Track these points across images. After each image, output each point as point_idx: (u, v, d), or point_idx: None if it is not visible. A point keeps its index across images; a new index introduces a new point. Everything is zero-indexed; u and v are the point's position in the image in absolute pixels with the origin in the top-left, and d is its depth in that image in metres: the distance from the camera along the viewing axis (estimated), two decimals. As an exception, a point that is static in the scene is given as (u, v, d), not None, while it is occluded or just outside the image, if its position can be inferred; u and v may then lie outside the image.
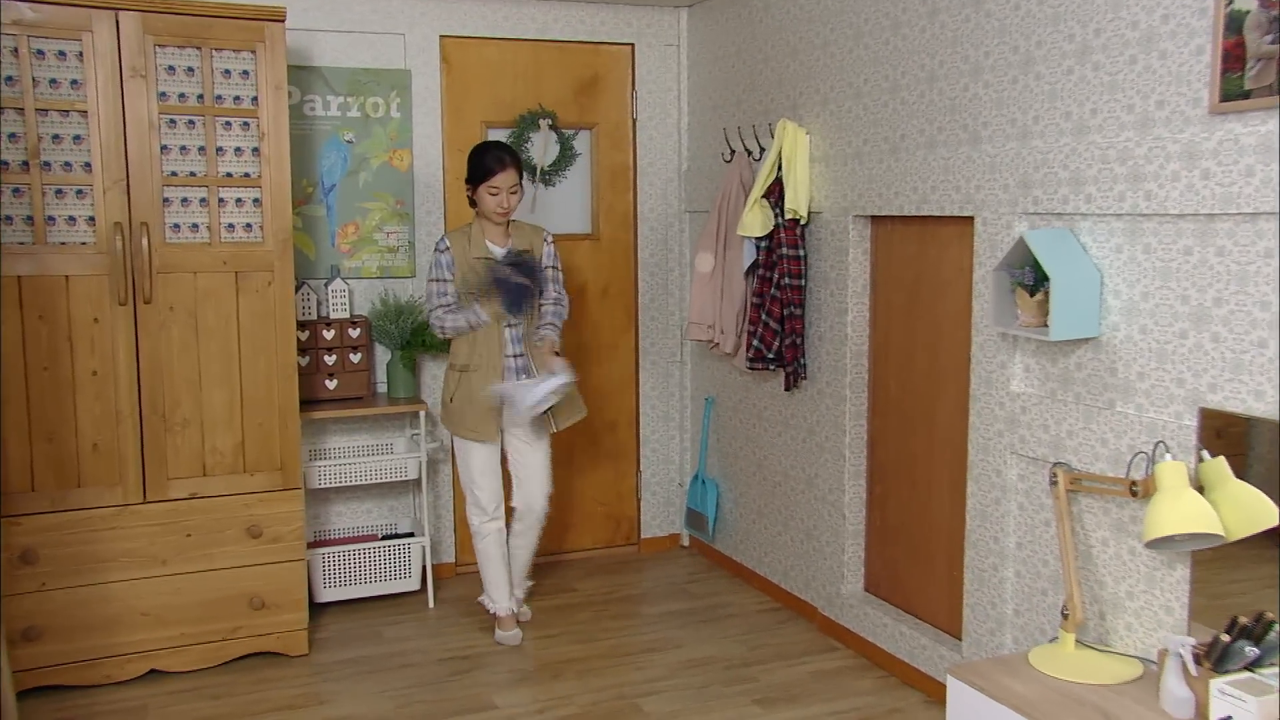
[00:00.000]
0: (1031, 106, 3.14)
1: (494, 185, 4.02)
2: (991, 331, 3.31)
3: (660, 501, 5.52)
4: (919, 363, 3.82)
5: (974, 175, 3.33)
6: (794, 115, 4.34)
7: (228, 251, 3.95)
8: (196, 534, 3.99)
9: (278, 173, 3.96)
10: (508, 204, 4.06)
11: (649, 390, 5.42)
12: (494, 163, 4.02)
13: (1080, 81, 2.98)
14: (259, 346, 4.01)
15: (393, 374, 4.71)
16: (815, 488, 4.36)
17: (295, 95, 4.66)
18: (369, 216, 4.83)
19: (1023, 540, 3.30)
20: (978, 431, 3.39)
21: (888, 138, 3.79)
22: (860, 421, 4.12)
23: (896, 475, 3.99)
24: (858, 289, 4.06)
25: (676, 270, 5.39)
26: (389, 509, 4.98)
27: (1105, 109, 2.90)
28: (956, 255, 3.59)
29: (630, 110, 5.27)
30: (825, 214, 4.16)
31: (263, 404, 4.04)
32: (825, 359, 4.22)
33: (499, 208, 4.04)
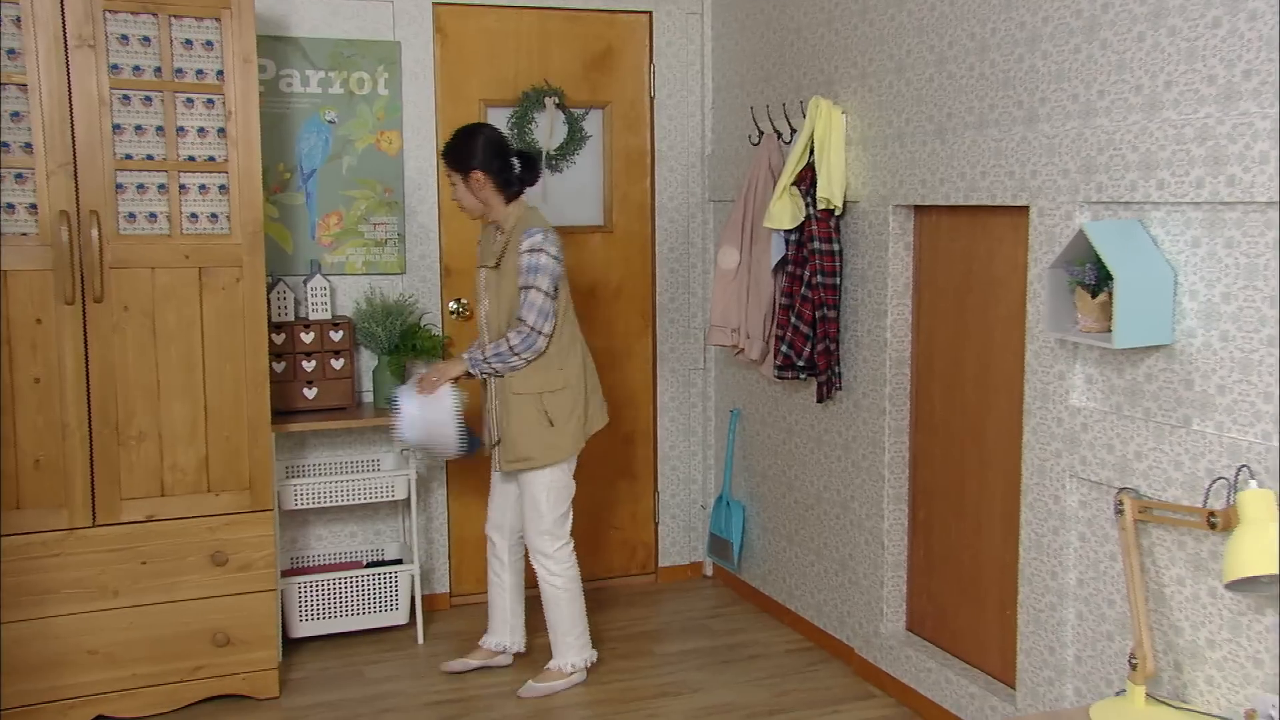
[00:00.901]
0: (1096, 79, 3.09)
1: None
2: (1048, 337, 3.26)
3: (680, 526, 5.51)
4: (967, 372, 3.78)
5: (1030, 159, 3.29)
6: (828, 92, 4.32)
7: (190, 244, 3.92)
8: (153, 561, 3.95)
9: (246, 156, 3.93)
10: (452, 196, 4.08)
11: (667, 401, 5.41)
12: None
13: (1153, 50, 2.91)
14: (226, 351, 3.98)
15: (380, 382, 4.68)
16: (851, 512, 4.31)
17: (269, 69, 4.64)
18: (353, 206, 4.81)
19: (1085, 577, 3.24)
20: (1033, 451, 3.34)
21: (933, 117, 3.75)
22: (901, 438, 4.08)
23: (942, 499, 3.95)
24: (898, 288, 4.02)
25: (699, 266, 5.38)
26: (375, 533, 4.96)
27: (1182, 80, 2.83)
28: (1009, 250, 3.55)
29: (647, 87, 5.25)
30: (862, 203, 4.13)
31: (230, 415, 4.01)
32: (862, 367, 4.18)
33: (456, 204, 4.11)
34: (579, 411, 4.06)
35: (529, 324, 3.88)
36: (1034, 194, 3.28)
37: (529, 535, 4.13)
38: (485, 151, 3.98)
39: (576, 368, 4.05)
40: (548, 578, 4.13)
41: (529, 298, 3.88)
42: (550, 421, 4.00)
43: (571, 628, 4.18)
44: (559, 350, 3.99)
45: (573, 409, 4.04)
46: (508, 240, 3.96)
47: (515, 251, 3.92)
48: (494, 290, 4.00)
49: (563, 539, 4.13)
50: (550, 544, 4.11)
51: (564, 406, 4.02)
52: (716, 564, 5.43)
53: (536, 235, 3.90)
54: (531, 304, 3.88)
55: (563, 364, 4.01)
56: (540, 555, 4.12)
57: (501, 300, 3.97)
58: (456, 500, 5.07)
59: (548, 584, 4.14)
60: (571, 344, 4.04)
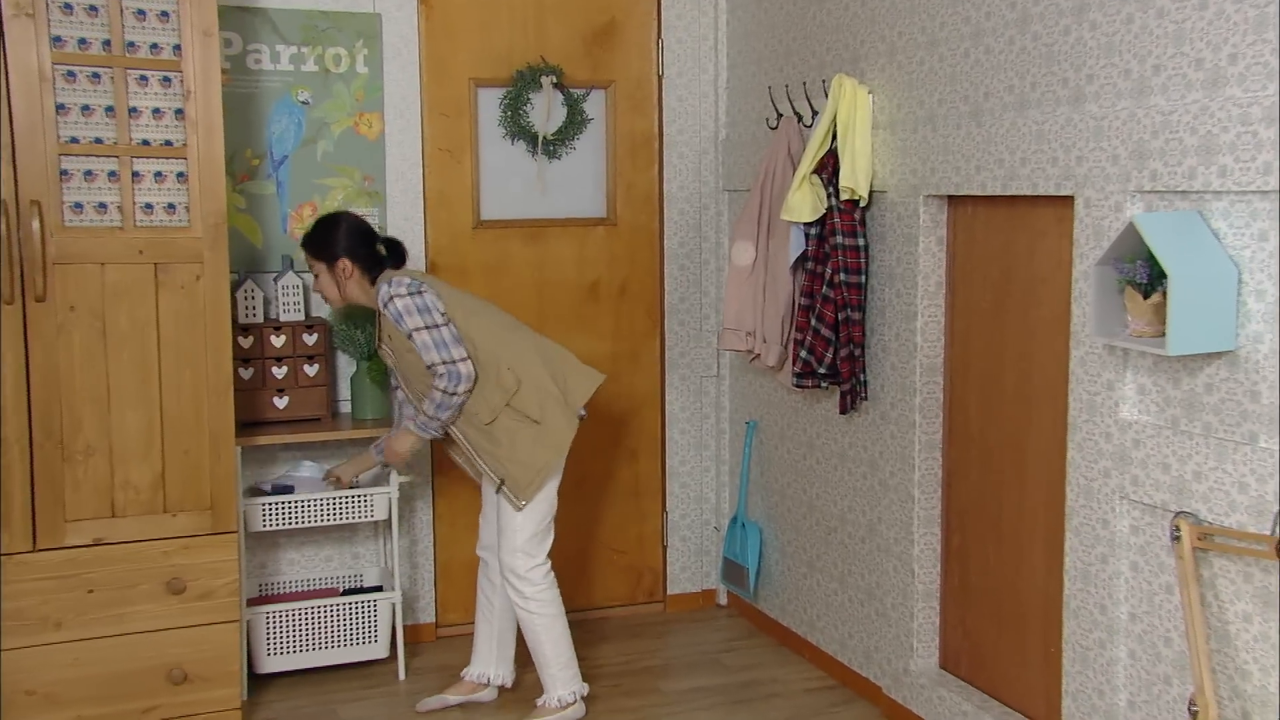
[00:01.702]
0: (1151, 53, 3.05)
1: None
2: (1095, 343, 3.24)
3: (691, 550, 5.51)
4: (1006, 381, 3.78)
5: (1075, 143, 3.26)
6: (853, 70, 4.32)
7: (145, 238, 3.91)
8: (102, 590, 3.94)
9: (208, 141, 3.93)
10: (315, 288, 4.24)
11: (677, 411, 5.42)
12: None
13: (1216, 18, 2.88)
14: (185, 356, 3.98)
15: (359, 390, 4.70)
16: (878, 536, 4.30)
17: (234, 44, 4.64)
18: (330, 195, 4.82)
19: (1137, 611, 3.22)
20: (1078, 470, 3.33)
21: (968, 97, 3.74)
22: (933, 454, 4.07)
23: (978, 522, 3.94)
24: (930, 288, 4.01)
25: (713, 263, 5.39)
26: (352, 557, 4.97)
27: (1249, 53, 2.80)
28: (1053, 245, 3.54)
29: (655, 64, 5.26)
30: (890, 194, 4.12)
31: (189, 427, 4.01)
32: (890, 375, 4.17)
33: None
34: (553, 389, 4.06)
35: (440, 361, 3.93)
36: (1080, 182, 3.25)
37: (501, 553, 4.11)
38: (350, 239, 4.13)
39: (523, 355, 4.06)
40: (521, 603, 4.10)
41: (420, 341, 3.94)
42: (534, 420, 4.01)
43: (557, 657, 4.15)
44: (491, 356, 4.01)
45: (545, 391, 4.05)
46: (378, 314, 4.11)
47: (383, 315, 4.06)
48: (398, 363, 4.11)
49: (538, 559, 4.10)
50: (524, 563, 4.07)
51: (533, 397, 4.03)
52: (731, 592, 5.44)
53: (382, 289, 4.00)
54: (426, 345, 3.93)
55: (509, 364, 4.03)
56: (512, 576, 4.09)
57: (409, 368, 4.06)
58: (443, 521, 5.06)
59: (522, 610, 4.11)
60: (503, 340, 4.06)
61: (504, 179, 5.04)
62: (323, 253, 4.12)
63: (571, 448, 4.08)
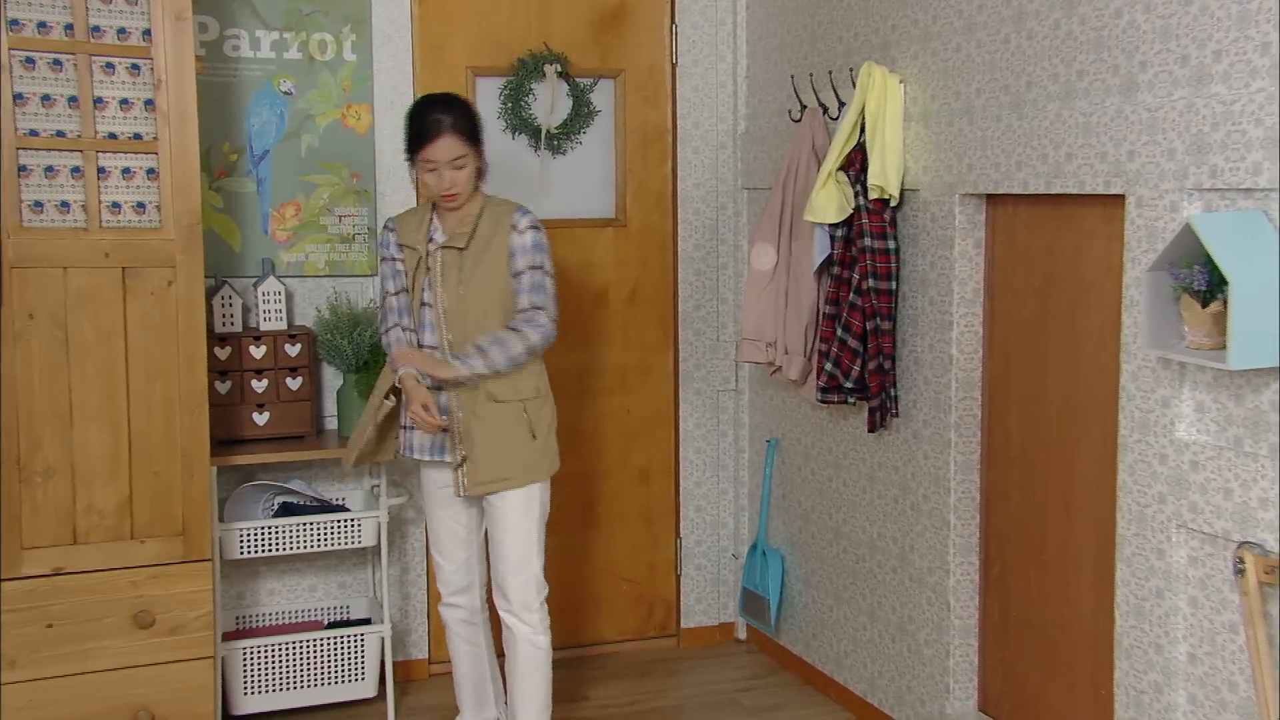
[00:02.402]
0: (1211, 37, 3.02)
1: (429, 159, 3.88)
2: (1148, 355, 3.22)
3: (707, 579, 5.50)
4: (1050, 396, 3.76)
5: (1127, 136, 3.24)
6: (883, 57, 4.31)
7: (112, 240, 3.91)
8: (62, 624, 3.92)
9: (181, 134, 3.93)
10: (450, 183, 3.89)
11: (692, 428, 5.42)
12: (427, 126, 3.87)
13: None
14: (155, 368, 3.98)
15: (346, 405, 4.69)
16: (910, 565, 4.29)
17: (210, 29, 4.65)
18: (314, 194, 4.83)
19: (1198, 651, 3.18)
20: (1130, 494, 3.31)
21: (1009, 86, 3.73)
22: (970, 475, 4.06)
23: (1020, 551, 3.93)
24: (967, 295, 4.00)
25: (730, 268, 5.39)
26: (338, 586, 4.98)
27: None
28: (1101, 248, 3.52)
29: (668, 52, 5.26)
30: (923, 192, 4.12)
31: (160, 446, 4.01)
32: (923, 390, 4.16)
33: (441, 190, 3.90)
34: (556, 427, 4.08)
35: (550, 314, 3.93)
36: (1132, 180, 3.23)
37: (506, 581, 4.01)
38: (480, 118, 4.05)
39: (546, 377, 4.09)
40: (531, 637, 4.02)
41: (542, 283, 3.93)
42: (533, 434, 3.97)
43: (548, 700, 4.10)
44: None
45: (552, 423, 4.06)
46: (478, 218, 3.95)
47: (501, 229, 3.92)
48: (464, 276, 3.91)
49: (545, 587, 4.06)
50: (537, 594, 4.02)
51: (545, 418, 4.02)
52: (750, 625, 5.44)
53: (521, 214, 3.96)
54: (547, 291, 3.94)
55: (540, 369, 4.04)
56: (522, 609, 4.00)
57: (476, 288, 3.91)
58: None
59: (534, 649, 4.02)
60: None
61: (504, 176, 4.97)
62: (476, 134, 3.94)
63: (577, 468, 4.07)
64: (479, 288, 3.90)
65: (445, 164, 3.84)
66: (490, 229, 3.93)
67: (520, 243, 3.92)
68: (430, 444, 3.98)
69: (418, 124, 3.88)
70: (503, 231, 3.92)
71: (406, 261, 3.98)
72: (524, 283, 3.90)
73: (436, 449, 3.98)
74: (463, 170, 3.87)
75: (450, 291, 3.90)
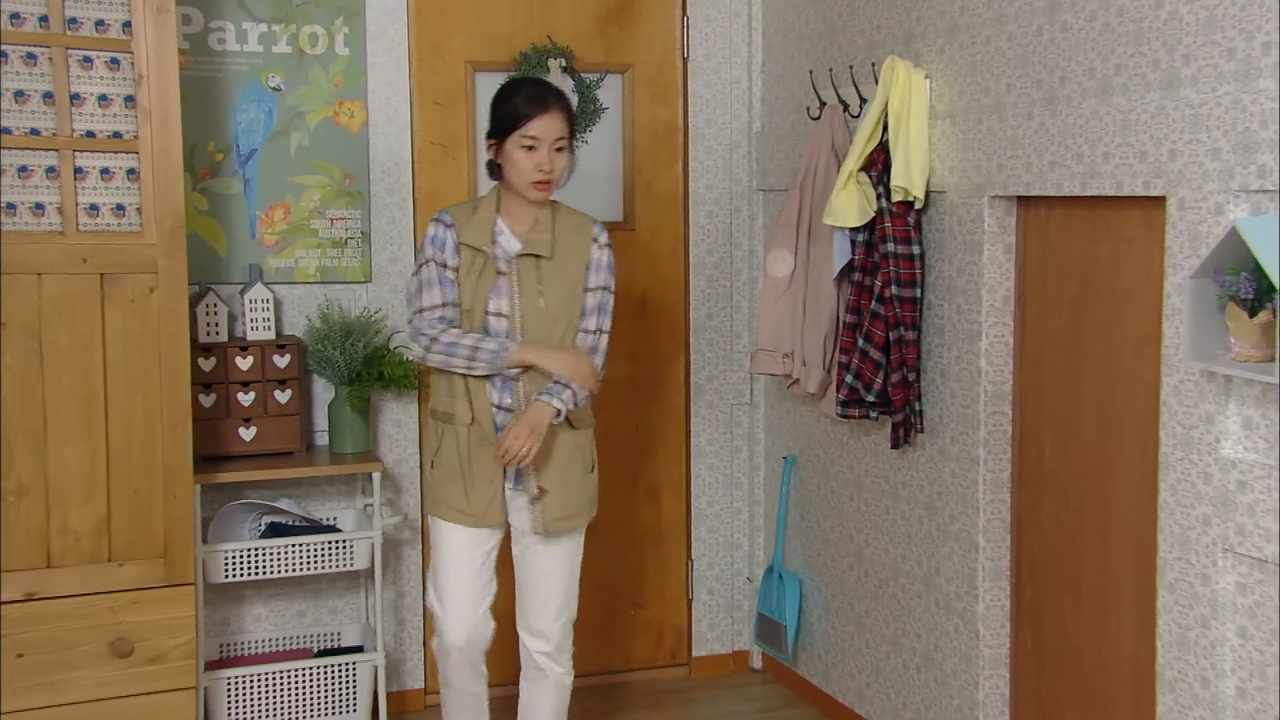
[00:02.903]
0: (1260, 29, 2.99)
1: (530, 136, 3.77)
2: (1191, 368, 3.19)
3: (720, 604, 5.52)
4: (1086, 411, 3.74)
5: (1168, 134, 3.22)
6: (908, 51, 4.30)
7: (89, 245, 3.91)
8: (34, 653, 3.90)
9: (163, 132, 3.93)
10: (550, 165, 3.81)
11: (704, 444, 5.44)
12: (531, 104, 3.78)
13: None
14: (136, 381, 3.97)
15: (337, 420, 4.72)
16: (937, 590, 4.28)
17: (195, 20, 4.66)
18: (304, 196, 4.84)
19: (1247, 686, 3.15)
20: (1173, 516, 3.28)
21: (1042, 82, 3.71)
22: (1001, 495, 4.05)
23: (1055, 575, 3.91)
24: (996, 303, 3.98)
25: (745, 274, 5.42)
26: (329, 612, 4.98)
27: None
28: (1141, 254, 3.50)
29: (679, 45, 5.29)
30: (950, 194, 4.10)
31: (140, 463, 4.00)
32: (949, 404, 4.15)
33: (538, 172, 3.79)
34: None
35: (607, 331, 4.00)
36: (1173, 180, 3.20)
37: (549, 625, 4.02)
38: None
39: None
40: (563, 678, 4.09)
41: (609, 305, 3.98)
42: (592, 466, 4.02)
43: None
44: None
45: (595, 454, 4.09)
46: (554, 224, 3.91)
47: (581, 241, 3.93)
48: (544, 287, 3.85)
49: None
50: (571, 632, 4.10)
51: (592, 447, 4.04)
52: (766, 654, 5.44)
53: (600, 228, 3.99)
54: (606, 310, 3.98)
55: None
56: (559, 652, 4.07)
57: (556, 300, 3.86)
58: None
59: (562, 687, 4.10)
60: None
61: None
62: (574, 123, 3.94)
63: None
64: (558, 300, 3.86)
65: (549, 143, 3.76)
66: (570, 238, 3.90)
67: (599, 259, 3.94)
68: (509, 472, 3.90)
69: (523, 95, 3.80)
70: (583, 243, 3.91)
71: (462, 265, 3.83)
72: (592, 302, 3.91)
73: (513, 478, 3.91)
74: (562, 155, 3.82)
75: (529, 302, 3.83)
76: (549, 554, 3.99)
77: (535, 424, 3.74)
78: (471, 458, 3.86)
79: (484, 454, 3.85)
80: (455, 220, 3.85)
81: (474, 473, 3.86)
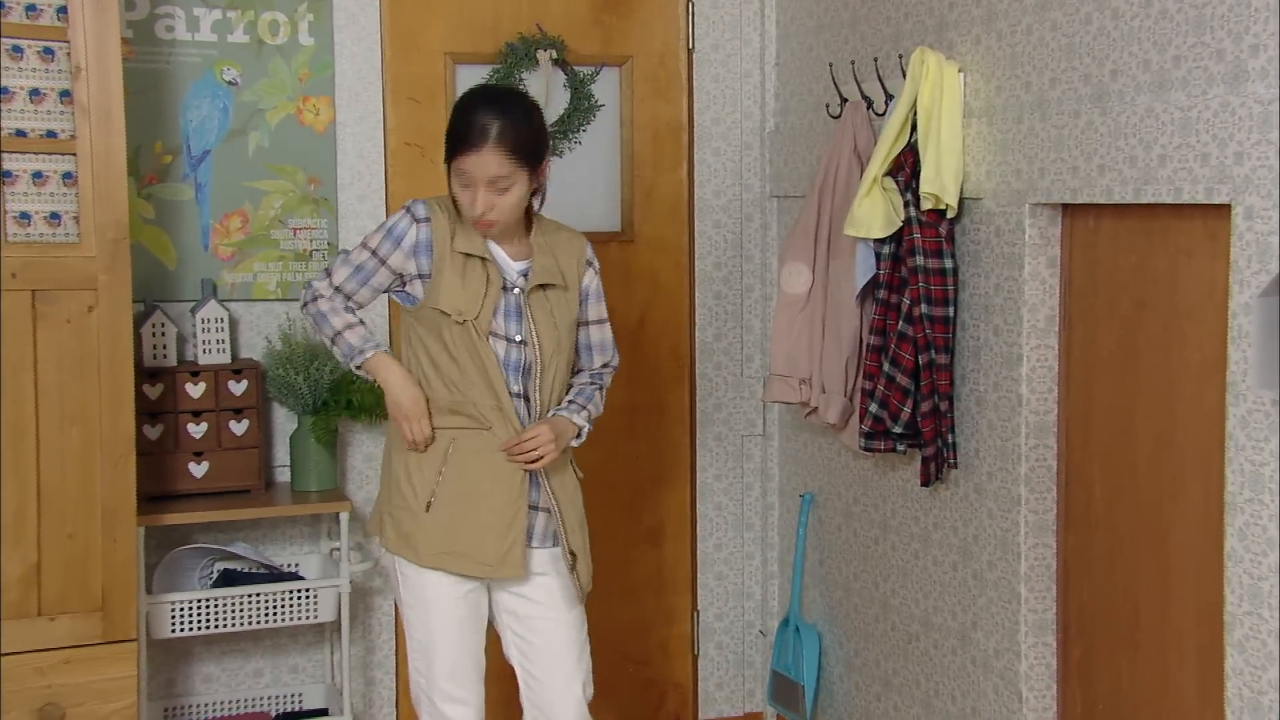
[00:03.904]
0: None
1: (462, 169, 3.68)
2: (1260, 397, 3.17)
3: (730, 660, 5.54)
4: (1141, 445, 3.72)
5: (1233, 135, 3.18)
6: (939, 42, 4.30)
7: (19, 257, 3.93)
8: None
9: (104, 132, 3.95)
10: (484, 208, 3.69)
11: (711, 480, 5.45)
12: (467, 129, 3.67)
13: None
14: (71, 410, 3.99)
15: (300, 453, 4.73)
16: (974, 646, 4.25)
17: (139, 6, 4.67)
18: (264, 203, 4.85)
19: None
20: (1241, 565, 3.24)
21: (1090, 76, 3.68)
22: (1045, 539, 4.01)
23: (1107, 630, 3.88)
24: (1039, 323, 3.96)
25: (757, 290, 5.43)
26: (290, 671, 4.98)
27: None
28: (1202, 269, 3.47)
29: (684, 35, 5.31)
30: (987, 201, 4.09)
31: (76, 504, 4.01)
32: (987, 435, 4.14)
33: (471, 211, 3.70)
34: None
35: (614, 366, 4.11)
36: (1239, 187, 3.17)
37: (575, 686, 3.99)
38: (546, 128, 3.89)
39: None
40: None
41: (611, 338, 4.08)
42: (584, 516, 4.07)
43: None
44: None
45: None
46: (547, 242, 3.91)
47: (575, 263, 3.95)
48: (556, 317, 3.85)
49: None
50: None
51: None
52: (781, 716, 5.36)
53: (585, 243, 4.04)
54: (607, 336, 4.07)
55: None
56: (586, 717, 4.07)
57: (566, 330, 3.90)
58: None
59: None
60: None
61: None
62: (536, 150, 3.73)
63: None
64: (567, 329, 3.88)
65: (482, 181, 3.65)
66: (566, 261, 3.90)
67: (595, 285, 3.99)
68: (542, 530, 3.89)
69: (456, 122, 3.70)
70: (577, 266, 3.93)
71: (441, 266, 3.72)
72: (594, 336, 3.99)
73: (548, 537, 3.89)
74: (505, 195, 3.67)
75: (545, 332, 3.81)
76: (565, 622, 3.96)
77: (560, 434, 3.80)
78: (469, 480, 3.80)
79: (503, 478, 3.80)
80: (434, 217, 3.75)
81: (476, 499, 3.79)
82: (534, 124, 3.75)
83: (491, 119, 3.62)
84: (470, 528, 3.79)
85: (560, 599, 3.94)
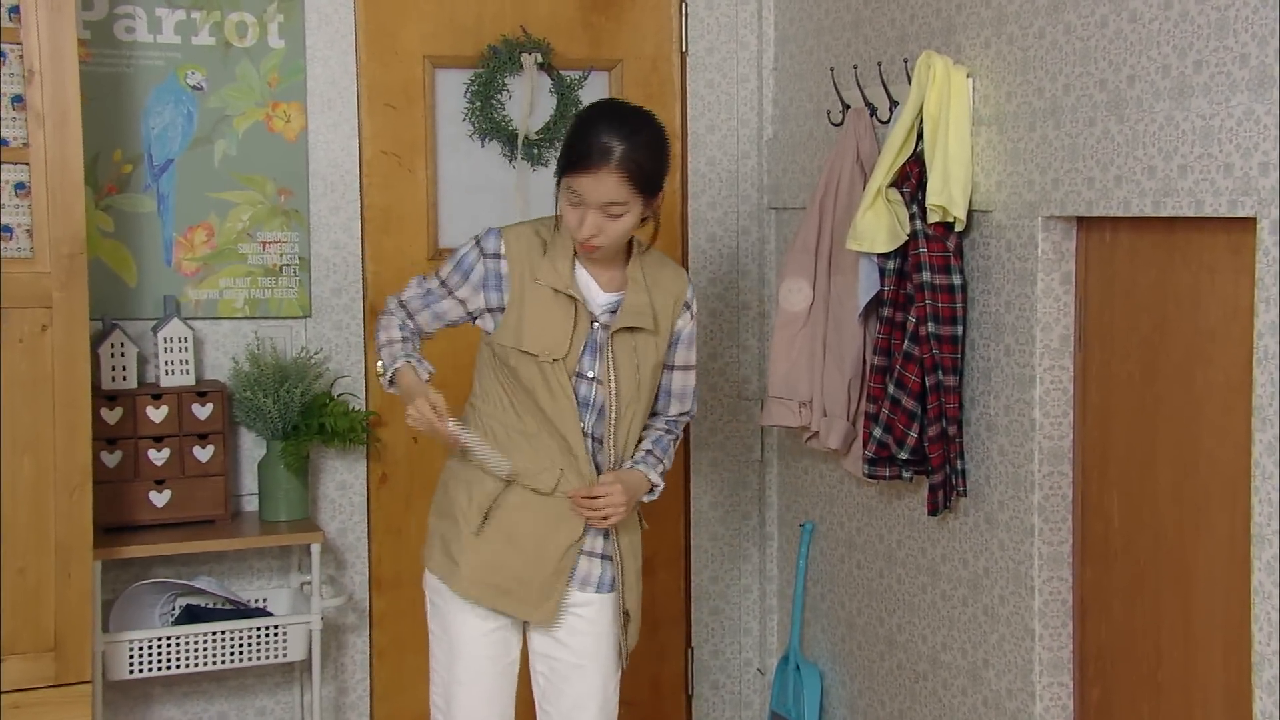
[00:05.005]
0: None
1: (574, 188, 3.64)
2: None
3: (726, 700, 5.57)
4: (1162, 473, 3.71)
5: (1259, 145, 3.17)
6: (947, 45, 4.30)
7: None
8: None
9: (60, 139, 3.96)
10: (591, 230, 3.66)
11: (706, 509, 5.49)
12: (589, 147, 3.62)
13: None
14: (23, 436, 3.98)
15: (269, 481, 4.75)
16: (985, 686, 4.24)
17: (98, 6, 4.69)
18: (231, 215, 4.86)
19: None
20: (1270, 601, 3.23)
21: (1105, 81, 3.68)
22: (1060, 572, 4.00)
23: (1127, 670, 3.87)
24: (1053, 343, 3.95)
25: (754, 307, 5.49)
26: (257, 713, 4.99)
27: None
28: (1226, 286, 3.46)
29: (676, 39, 5.35)
30: (997, 214, 4.09)
31: (27, 536, 4.00)
32: (998, 462, 4.13)
33: (577, 232, 3.67)
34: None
35: (692, 415, 4.12)
36: (1265, 199, 3.15)
37: None
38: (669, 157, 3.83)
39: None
40: None
41: (694, 387, 4.06)
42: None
43: None
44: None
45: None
46: (647, 284, 3.84)
47: (672, 305, 3.91)
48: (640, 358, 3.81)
49: None
50: None
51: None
52: None
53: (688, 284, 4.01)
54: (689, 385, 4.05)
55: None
56: None
57: (650, 373, 3.85)
58: (386, 661, 5.09)
59: None
60: None
61: (471, 192, 5.12)
62: (656, 180, 3.68)
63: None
64: (650, 373, 3.85)
65: (594, 205, 3.62)
66: (661, 301, 3.86)
67: (688, 331, 3.97)
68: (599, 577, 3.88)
69: (576, 138, 3.65)
70: (673, 308, 3.90)
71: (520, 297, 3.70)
72: (677, 383, 3.97)
73: (604, 584, 3.89)
74: (616, 221, 3.64)
75: (625, 375, 3.77)
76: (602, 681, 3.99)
77: (634, 493, 3.80)
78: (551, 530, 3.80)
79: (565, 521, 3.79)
80: (507, 250, 3.73)
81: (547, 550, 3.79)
82: (659, 152, 3.72)
83: (616, 141, 3.57)
84: (518, 564, 3.78)
85: (605, 653, 3.96)
